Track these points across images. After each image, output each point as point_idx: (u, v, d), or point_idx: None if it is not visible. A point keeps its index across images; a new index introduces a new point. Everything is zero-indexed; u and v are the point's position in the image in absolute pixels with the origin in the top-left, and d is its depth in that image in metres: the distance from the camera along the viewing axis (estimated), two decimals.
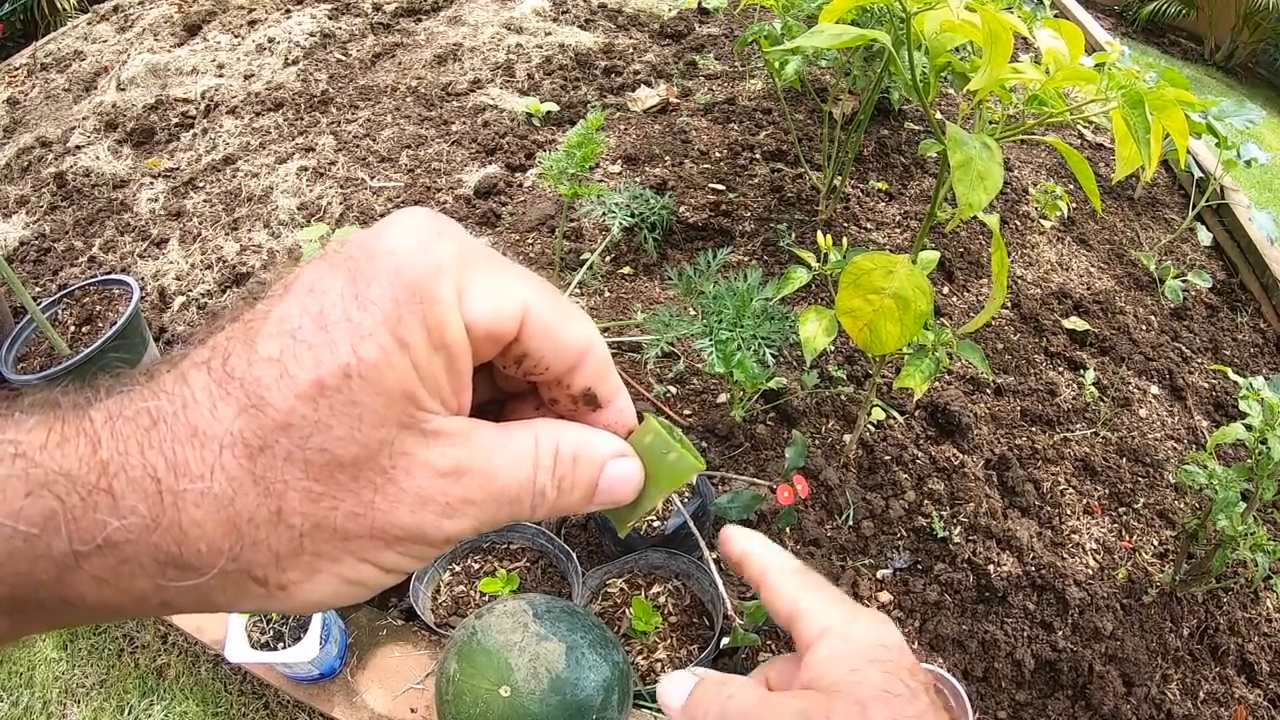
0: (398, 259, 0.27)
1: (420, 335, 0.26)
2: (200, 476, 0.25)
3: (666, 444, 0.34)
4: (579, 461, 0.32)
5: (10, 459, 0.24)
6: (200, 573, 0.26)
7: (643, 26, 3.83)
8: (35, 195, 2.90)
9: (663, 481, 0.34)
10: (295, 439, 0.25)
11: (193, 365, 0.27)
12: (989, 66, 0.82)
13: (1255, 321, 2.59)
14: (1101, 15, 6.01)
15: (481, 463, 0.29)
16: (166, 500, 0.25)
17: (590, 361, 0.32)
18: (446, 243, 0.28)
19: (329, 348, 0.25)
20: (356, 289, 0.26)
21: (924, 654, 1.60)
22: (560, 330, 0.30)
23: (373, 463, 0.27)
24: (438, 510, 0.28)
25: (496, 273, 0.29)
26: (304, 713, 1.59)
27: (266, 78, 3.41)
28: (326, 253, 0.28)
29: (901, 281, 1.04)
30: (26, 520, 0.24)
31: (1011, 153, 3.11)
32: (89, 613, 0.26)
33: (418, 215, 0.29)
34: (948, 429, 2.02)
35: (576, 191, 1.78)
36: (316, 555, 0.27)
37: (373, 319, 0.26)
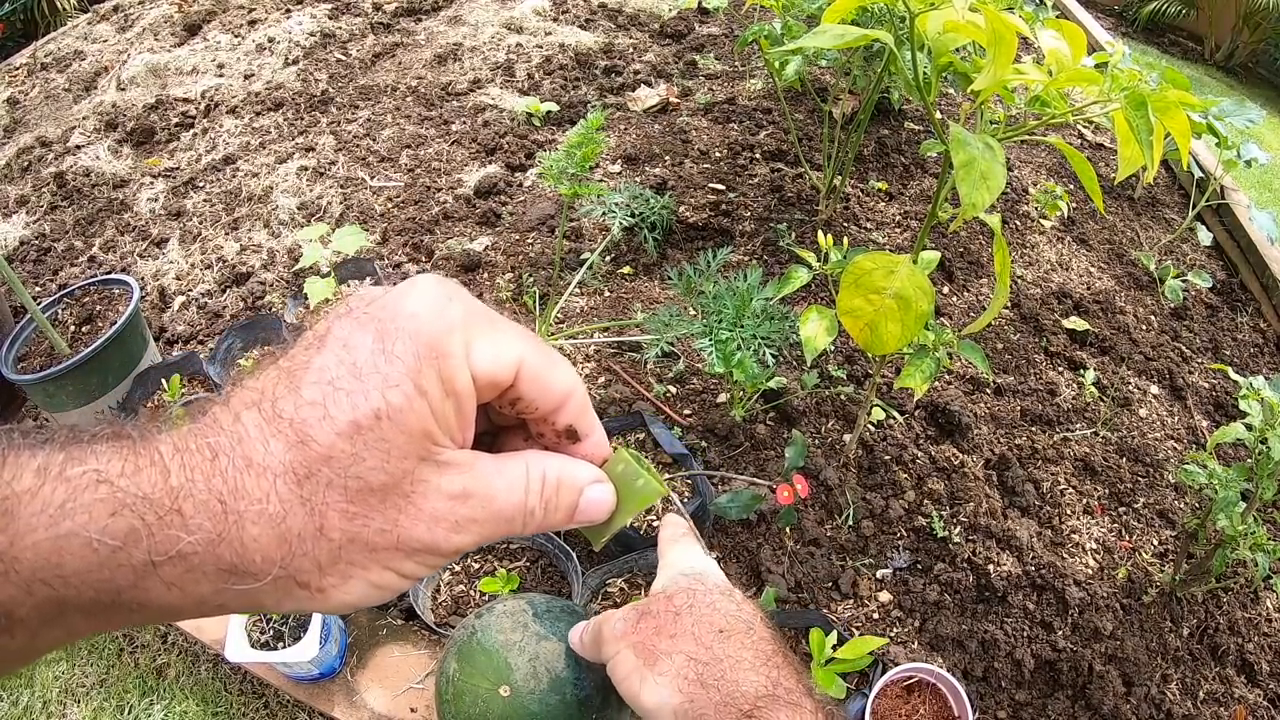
0: (418, 321, 0.32)
1: (436, 385, 0.32)
2: (258, 500, 0.30)
3: (636, 472, 0.40)
4: (562, 487, 0.38)
5: (95, 485, 0.29)
6: (257, 579, 0.31)
7: (643, 26, 3.83)
8: (35, 195, 2.90)
9: (631, 504, 0.41)
10: (335, 469, 0.31)
11: (244, 406, 0.32)
12: (993, 67, 0.82)
13: (1255, 321, 2.59)
14: (1101, 15, 6.01)
15: (483, 488, 0.35)
16: (230, 519, 0.30)
17: (572, 403, 0.38)
18: (456, 306, 0.34)
19: (364, 395, 0.31)
20: (384, 345, 0.32)
21: (924, 654, 1.60)
22: (549, 378, 0.36)
23: (397, 488, 0.32)
24: (448, 527, 0.34)
25: (497, 331, 0.35)
26: (304, 712, 1.59)
27: (266, 77, 3.41)
28: (353, 311, 0.34)
29: (903, 281, 1.04)
30: (111, 535, 0.29)
31: (1011, 152, 3.11)
32: (155, 613, 0.31)
33: (431, 282, 0.34)
34: (948, 429, 2.02)
35: (576, 191, 1.78)
36: (350, 564, 0.32)
37: (398, 371, 0.31)
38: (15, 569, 0.28)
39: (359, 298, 0.35)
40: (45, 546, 0.28)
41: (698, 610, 0.54)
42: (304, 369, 0.32)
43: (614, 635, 0.57)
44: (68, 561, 0.28)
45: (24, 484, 0.28)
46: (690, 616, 0.54)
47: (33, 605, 0.28)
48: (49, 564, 0.28)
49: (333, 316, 0.34)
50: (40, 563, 0.28)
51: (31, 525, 0.28)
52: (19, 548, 0.28)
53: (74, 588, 0.29)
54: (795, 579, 1.66)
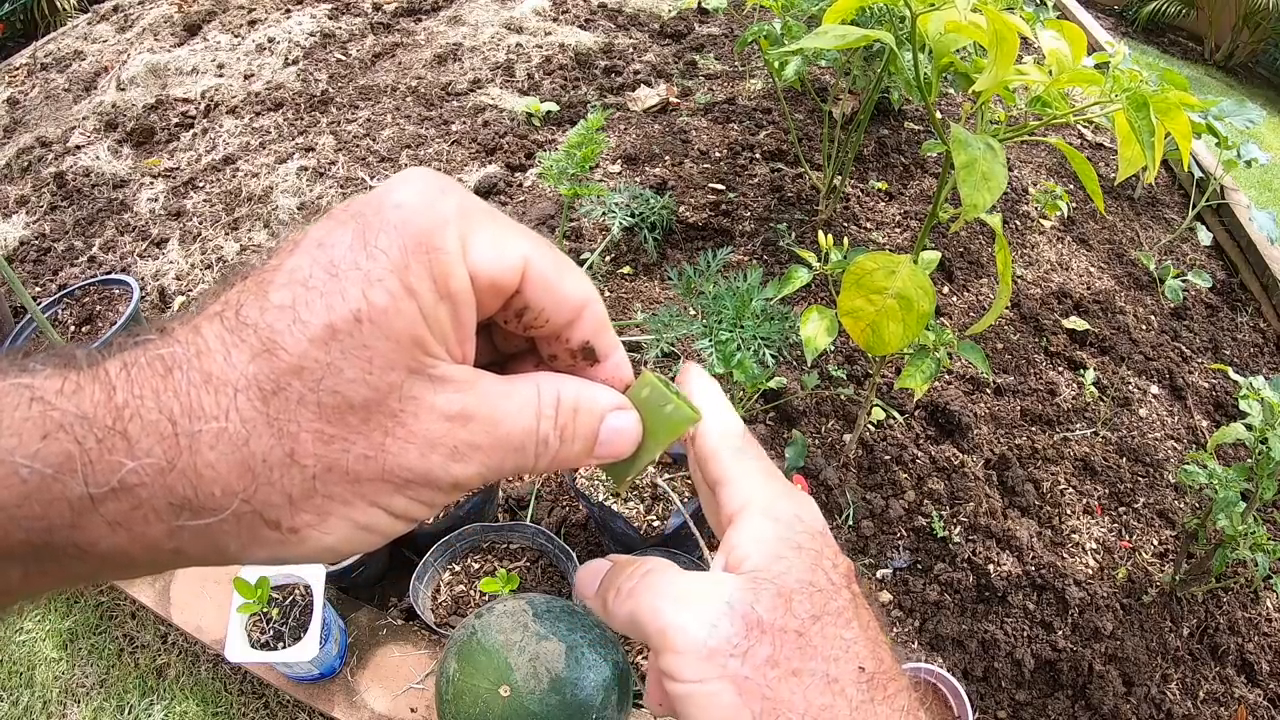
0: (404, 211, 0.28)
1: (427, 283, 0.27)
2: (215, 418, 0.26)
3: (664, 396, 0.35)
4: (580, 412, 0.32)
5: (27, 403, 0.25)
6: (214, 513, 0.26)
7: (643, 26, 3.83)
8: (35, 195, 2.90)
9: (660, 434, 0.35)
10: (308, 382, 0.26)
11: (205, 317, 0.27)
12: (994, 68, 0.82)
13: (1255, 321, 2.59)
14: (1102, 15, 6.01)
15: (486, 409, 0.29)
16: (182, 442, 0.25)
17: (589, 315, 0.33)
18: (450, 197, 0.29)
19: (340, 294, 0.26)
20: (365, 240, 0.27)
21: (924, 654, 1.60)
22: (560, 284, 0.31)
23: (382, 405, 0.27)
24: (445, 454, 0.29)
25: (498, 227, 0.30)
26: (304, 712, 1.59)
27: (266, 77, 3.41)
28: (333, 211, 0.29)
29: (904, 282, 1.04)
30: (43, 461, 0.24)
31: (1011, 152, 3.11)
32: (100, 563, 0.26)
33: (422, 173, 0.29)
34: (948, 429, 2.02)
35: (576, 191, 1.78)
36: (328, 498, 0.27)
37: (381, 267, 0.27)
38: None
39: (344, 201, 0.30)
40: None
41: (828, 630, 0.33)
42: (274, 271, 0.27)
43: (698, 650, 0.32)
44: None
45: None
46: (821, 639, 0.32)
47: None
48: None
49: (312, 222, 0.29)
50: None
51: None
52: None
53: (2, 527, 0.24)
54: None
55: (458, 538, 1.64)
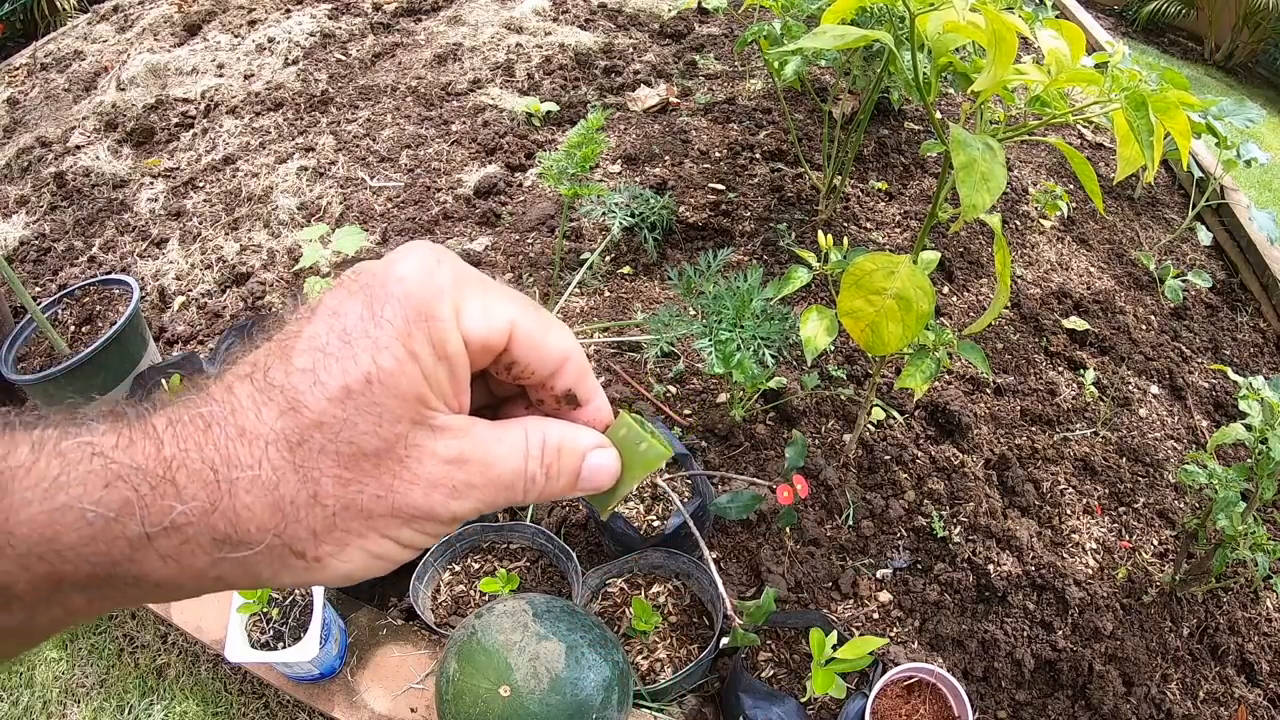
0: (406, 285, 0.32)
1: (427, 348, 0.32)
2: (250, 466, 0.30)
3: (639, 435, 0.39)
4: (563, 452, 0.37)
5: (89, 457, 0.29)
6: (250, 546, 0.31)
7: (643, 26, 3.83)
8: (35, 195, 2.90)
9: (636, 468, 0.39)
10: (327, 434, 0.31)
11: (237, 378, 0.32)
12: (993, 67, 0.82)
13: (1255, 321, 2.59)
14: (1101, 15, 6.01)
15: (480, 453, 0.34)
16: (223, 488, 0.30)
17: (570, 367, 0.37)
18: (445, 270, 0.33)
19: (353, 359, 0.31)
20: (373, 310, 0.32)
21: (924, 654, 1.60)
22: (543, 341, 0.36)
23: (391, 453, 0.32)
24: (446, 492, 0.33)
25: (488, 294, 0.34)
26: (304, 712, 1.59)
27: (266, 78, 3.41)
28: (344, 281, 0.34)
29: (903, 282, 1.04)
30: (105, 506, 0.29)
31: (1011, 152, 3.11)
32: (153, 588, 0.31)
33: (421, 248, 0.34)
34: (948, 429, 2.02)
35: (576, 191, 1.78)
36: (346, 531, 0.32)
37: (388, 335, 0.31)
38: (11, 544, 0.28)
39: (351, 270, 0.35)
40: (40, 520, 0.28)
41: None
42: (295, 338, 0.32)
43: None
44: (63, 535, 0.28)
45: (18, 459, 0.29)
46: None
47: (29, 581, 0.29)
48: (44, 538, 0.28)
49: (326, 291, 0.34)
50: (36, 537, 0.28)
51: (26, 500, 0.28)
52: (14, 522, 0.28)
53: (70, 562, 0.29)
54: (795, 579, 1.66)
55: (458, 538, 1.64)
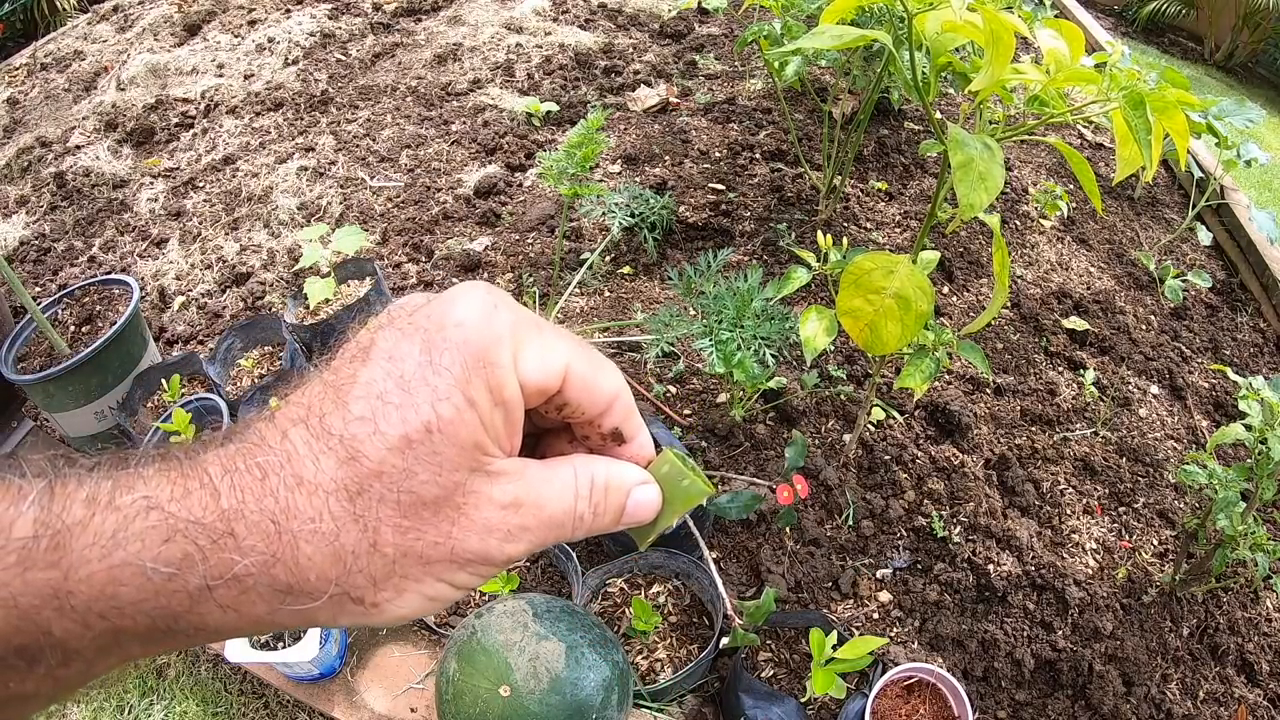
0: (465, 331, 0.32)
1: (485, 395, 0.32)
2: (311, 519, 0.30)
3: (681, 472, 0.40)
4: (610, 490, 0.37)
5: (145, 511, 0.29)
6: (312, 598, 0.31)
7: (643, 26, 3.83)
8: (35, 195, 2.90)
9: (677, 504, 0.40)
10: (387, 484, 0.31)
11: (291, 423, 0.32)
12: (991, 67, 0.82)
13: (1255, 321, 2.59)
14: (1101, 15, 6.01)
15: (534, 495, 0.34)
16: (284, 540, 0.30)
17: (618, 406, 0.38)
18: (503, 314, 0.33)
19: (413, 408, 0.31)
20: (431, 357, 0.32)
21: (924, 654, 1.60)
22: (595, 382, 0.36)
23: (449, 500, 0.32)
24: (501, 536, 0.34)
25: (543, 338, 0.35)
26: (304, 712, 1.59)
27: (266, 78, 3.41)
28: (396, 319, 0.33)
29: (902, 282, 1.04)
30: (166, 562, 0.29)
31: (1011, 152, 3.11)
32: (211, 635, 0.31)
33: (478, 289, 0.34)
34: (948, 429, 2.02)
35: (576, 191, 1.78)
36: (404, 578, 0.33)
37: (447, 383, 0.31)
38: (71, 604, 0.28)
39: (400, 306, 0.34)
40: (100, 578, 0.28)
41: None
42: (350, 383, 0.32)
43: None
44: (123, 592, 0.28)
45: (74, 515, 0.28)
46: None
47: (90, 638, 0.29)
48: (104, 596, 0.28)
49: (375, 327, 0.34)
50: (96, 595, 0.28)
51: (85, 558, 0.28)
52: (73, 581, 0.28)
53: (130, 617, 0.29)
54: (795, 579, 1.66)
55: None
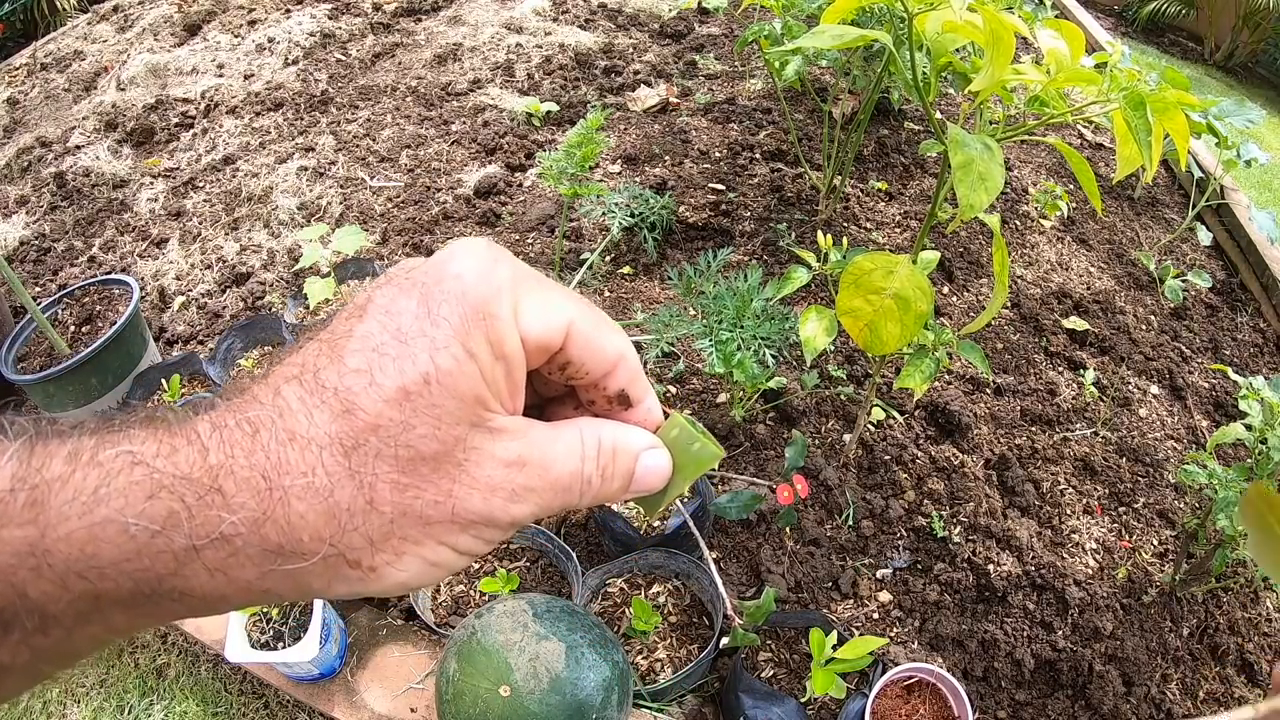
0: (464, 282, 0.31)
1: (485, 347, 0.31)
2: (303, 474, 0.29)
3: (691, 436, 0.38)
4: (618, 454, 0.36)
5: (130, 467, 0.28)
6: (305, 559, 0.30)
7: (643, 26, 3.83)
8: (35, 195, 2.90)
9: (688, 469, 0.39)
10: (384, 438, 0.30)
11: (284, 379, 0.31)
12: (991, 67, 0.82)
13: (1255, 321, 2.59)
14: (1101, 15, 6.01)
15: (539, 454, 0.33)
16: (275, 496, 0.29)
17: (624, 367, 0.36)
18: (503, 268, 0.32)
19: (410, 359, 0.30)
20: (429, 308, 0.31)
21: (924, 654, 1.60)
22: (599, 341, 0.35)
23: (450, 456, 0.31)
24: (505, 496, 0.32)
25: (546, 292, 0.33)
26: (304, 712, 1.59)
27: (266, 78, 3.41)
28: (394, 277, 0.32)
29: (902, 282, 1.04)
30: (150, 519, 0.27)
31: (1011, 152, 3.11)
32: (198, 603, 0.30)
33: (477, 244, 0.33)
34: (948, 429, 2.02)
35: (576, 191, 1.78)
36: (403, 539, 0.31)
37: (445, 334, 0.30)
38: (48, 562, 0.26)
39: (399, 266, 0.33)
40: (79, 536, 0.27)
41: None
42: (346, 338, 0.31)
43: None
44: (104, 551, 0.27)
45: (54, 471, 0.27)
46: None
47: (68, 601, 0.27)
48: (84, 555, 0.27)
49: (373, 285, 0.33)
50: (75, 554, 0.27)
51: (64, 514, 0.27)
52: (51, 539, 0.26)
53: (111, 579, 0.27)
54: (795, 579, 1.66)
55: None
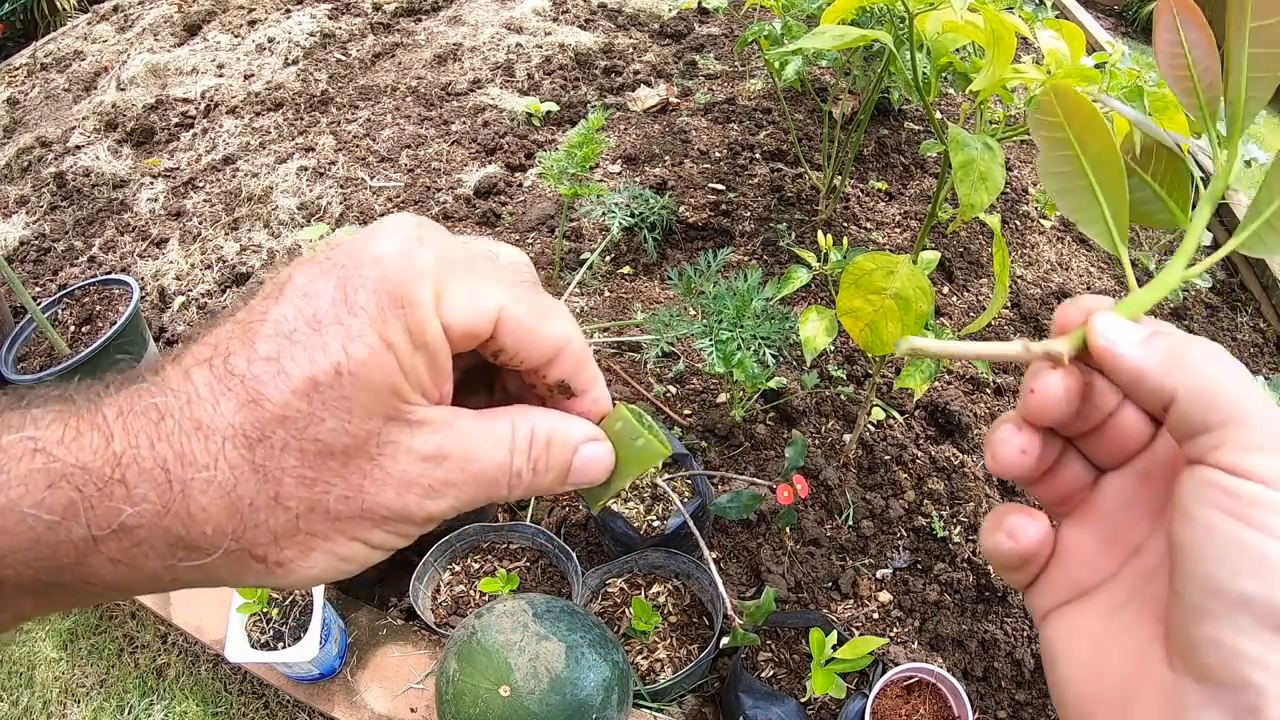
0: (383, 266, 0.29)
1: (403, 337, 0.29)
2: (205, 466, 0.28)
3: (635, 430, 0.37)
4: (553, 445, 0.34)
5: (30, 454, 0.27)
6: (207, 553, 0.28)
7: (643, 26, 3.83)
8: (35, 195, 2.90)
9: (632, 464, 0.37)
10: (291, 430, 0.28)
11: (195, 363, 0.29)
12: (992, 67, 0.82)
13: (1255, 321, 2.59)
14: (1101, 15, 6.01)
15: (461, 448, 0.31)
16: (175, 489, 0.27)
17: (565, 356, 0.34)
18: (427, 250, 0.30)
19: (322, 349, 0.28)
20: (346, 294, 0.29)
21: (924, 654, 1.60)
22: (534, 329, 0.33)
23: (361, 450, 0.29)
24: (421, 492, 0.31)
25: (475, 278, 0.31)
26: (304, 712, 1.59)
27: (266, 78, 3.41)
28: (317, 257, 0.30)
29: (903, 282, 1.04)
30: (49, 509, 0.26)
31: (1011, 153, 3.11)
32: (105, 591, 0.29)
33: (403, 222, 0.31)
34: (948, 429, 2.02)
35: (576, 191, 1.78)
36: (311, 534, 0.30)
37: (360, 323, 0.28)
38: None
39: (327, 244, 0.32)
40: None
41: None
42: (260, 321, 0.29)
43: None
44: (2, 540, 0.26)
45: None
46: None
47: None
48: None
49: (295, 264, 0.31)
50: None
51: None
52: None
53: (12, 567, 0.27)
54: (795, 579, 1.66)
55: (457, 538, 1.64)
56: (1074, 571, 0.34)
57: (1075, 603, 0.34)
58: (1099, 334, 0.32)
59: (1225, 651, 0.26)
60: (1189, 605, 0.27)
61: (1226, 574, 0.26)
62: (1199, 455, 0.28)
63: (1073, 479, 0.35)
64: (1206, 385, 0.28)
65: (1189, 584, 0.28)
